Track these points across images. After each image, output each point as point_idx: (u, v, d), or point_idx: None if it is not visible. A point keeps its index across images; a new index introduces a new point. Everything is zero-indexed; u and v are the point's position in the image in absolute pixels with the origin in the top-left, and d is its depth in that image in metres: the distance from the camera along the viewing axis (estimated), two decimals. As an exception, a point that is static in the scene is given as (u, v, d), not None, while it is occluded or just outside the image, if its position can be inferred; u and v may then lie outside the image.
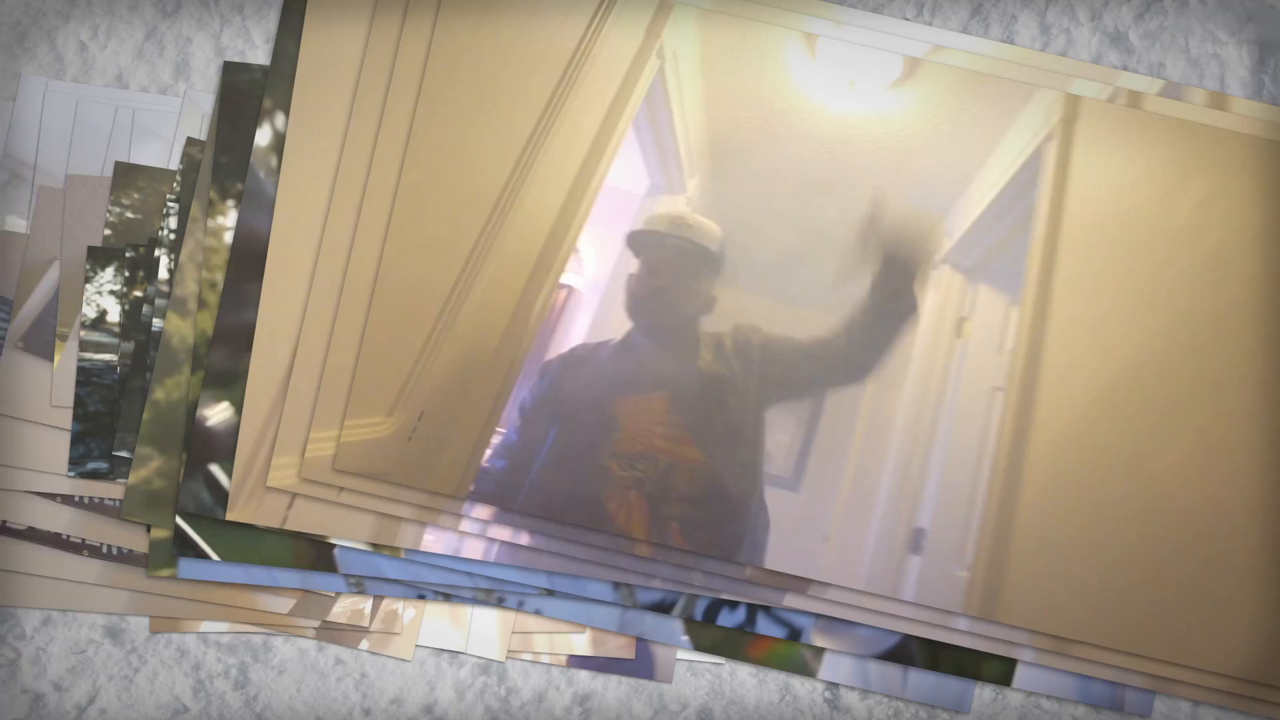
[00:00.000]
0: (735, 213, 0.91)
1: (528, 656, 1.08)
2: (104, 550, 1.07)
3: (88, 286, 1.07)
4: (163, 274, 1.07)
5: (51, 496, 1.06)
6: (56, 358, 1.06)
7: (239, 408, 1.06)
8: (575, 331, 1.01)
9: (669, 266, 0.82)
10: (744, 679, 1.09)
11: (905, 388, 0.85)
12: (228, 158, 1.08)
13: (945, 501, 0.82)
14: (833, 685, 1.08)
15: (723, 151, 0.92)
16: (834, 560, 0.86)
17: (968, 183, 0.79)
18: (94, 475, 1.07)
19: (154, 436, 1.06)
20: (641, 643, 1.08)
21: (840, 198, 0.82)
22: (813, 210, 0.82)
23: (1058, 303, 0.78)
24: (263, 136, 1.07)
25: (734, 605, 1.07)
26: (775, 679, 1.09)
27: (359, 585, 1.07)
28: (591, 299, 1.01)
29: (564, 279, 1.03)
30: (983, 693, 1.08)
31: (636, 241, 0.79)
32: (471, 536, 1.07)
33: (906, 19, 1.09)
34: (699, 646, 1.08)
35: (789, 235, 0.81)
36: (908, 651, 1.08)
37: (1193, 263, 0.82)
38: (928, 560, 0.84)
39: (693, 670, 1.09)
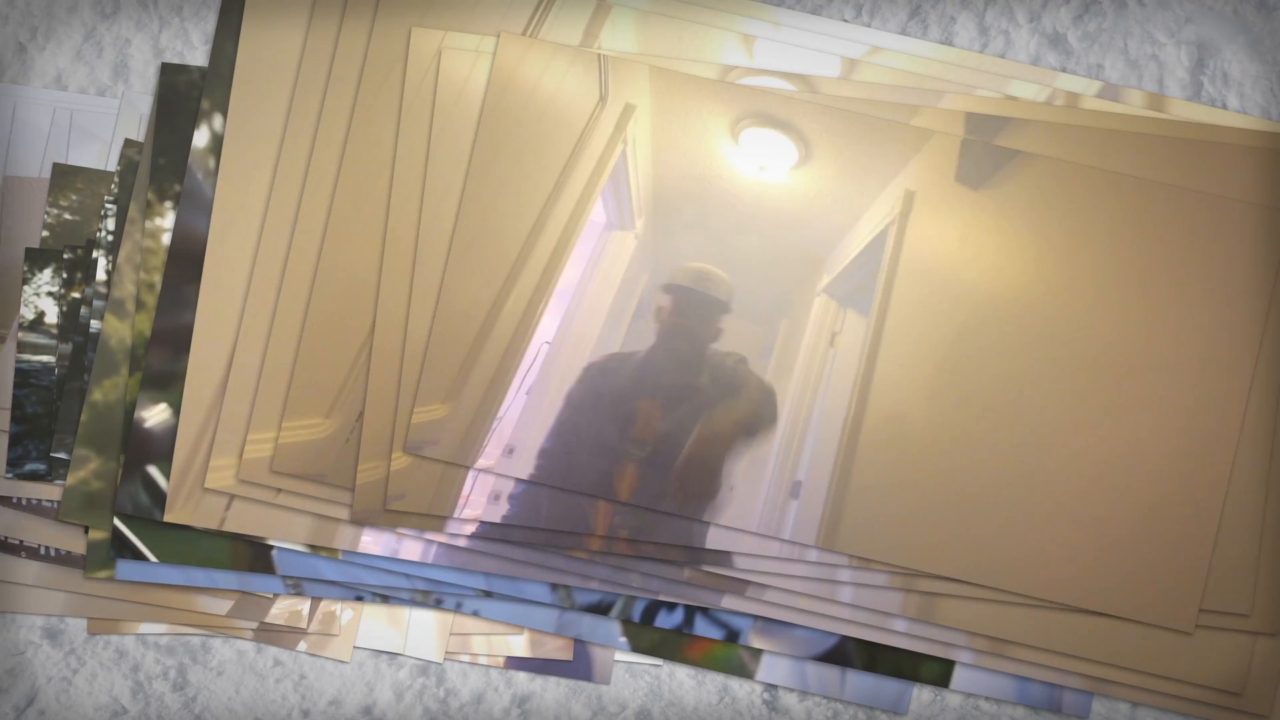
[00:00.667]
0: (682, 252, 1.06)
1: (466, 658, 1.08)
2: (42, 552, 1.07)
3: (25, 288, 1.07)
4: (101, 275, 1.07)
5: (-11, 498, 1.06)
6: (-6, 359, 1.06)
7: (177, 409, 1.06)
8: (542, 331, 1.05)
9: (692, 308, 1.04)
10: (682, 680, 1.09)
11: (793, 379, 1.07)
12: (166, 159, 1.08)
13: (815, 461, 1.06)
14: (771, 687, 1.08)
15: (665, 201, 1.07)
16: (735, 507, 1.06)
17: (849, 229, 1.06)
18: (32, 477, 1.07)
19: (92, 438, 1.06)
20: (579, 644, 1.08)
21: (759, 238, 1.07)
22: (739, 252, 1.07)
23: (890, 325, 1.06)
24: (200, 138, 1.07)
25: (672, 607, 1.07)
26: (714, 680, 1.09)
27: (297, 587, 1.07)
28: (558, 305, 1.05)
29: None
30: (921, 694, 1.08)
31: (670, 289, 1.04)
32: (409, 538, 1.06)
33: (845, 20, 1.09)
34: (637, 648, 1.08)
35: (731, 272, 1.07)
36: (845, 653, 1.08)
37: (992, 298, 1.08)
38: (802, 504, 1.06)
39: (631, 672, 1.09)
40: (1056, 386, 1.05)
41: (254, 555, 1.07)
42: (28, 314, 1.07)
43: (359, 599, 1.07)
